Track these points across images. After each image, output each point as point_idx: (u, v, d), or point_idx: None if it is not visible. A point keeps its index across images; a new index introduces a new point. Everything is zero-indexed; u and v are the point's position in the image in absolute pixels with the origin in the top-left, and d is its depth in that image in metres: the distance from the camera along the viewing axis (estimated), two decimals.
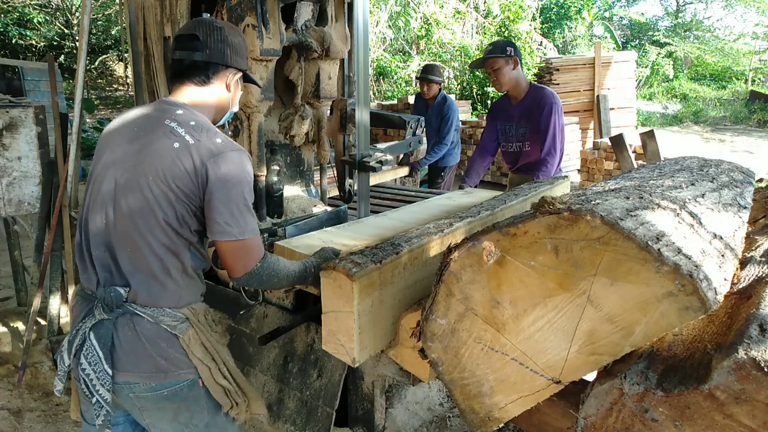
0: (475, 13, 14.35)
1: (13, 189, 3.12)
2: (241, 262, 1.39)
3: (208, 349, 1.46)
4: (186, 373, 1.42)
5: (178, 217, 1.37)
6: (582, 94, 9.72)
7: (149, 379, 1.39)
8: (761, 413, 0.84)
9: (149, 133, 1.40)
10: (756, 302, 1.00)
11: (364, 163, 2.17)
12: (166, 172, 1.35)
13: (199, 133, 1.39)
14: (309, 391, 2.30)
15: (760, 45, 20.21)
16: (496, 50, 3.02)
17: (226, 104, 1.58)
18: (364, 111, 2.14)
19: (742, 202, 1.43)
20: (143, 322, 1.38)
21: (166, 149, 1.36)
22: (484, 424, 1.22)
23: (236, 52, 1.54)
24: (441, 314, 1.18)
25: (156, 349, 1.38)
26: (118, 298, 1.36)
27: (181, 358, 1.41)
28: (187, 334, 1.41)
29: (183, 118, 1.42)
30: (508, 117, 3.22)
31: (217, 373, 1.47)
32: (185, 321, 1.42)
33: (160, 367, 1.39)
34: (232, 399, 1.52)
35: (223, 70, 1.53)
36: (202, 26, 1.51)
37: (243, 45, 1.58)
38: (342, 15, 2.50)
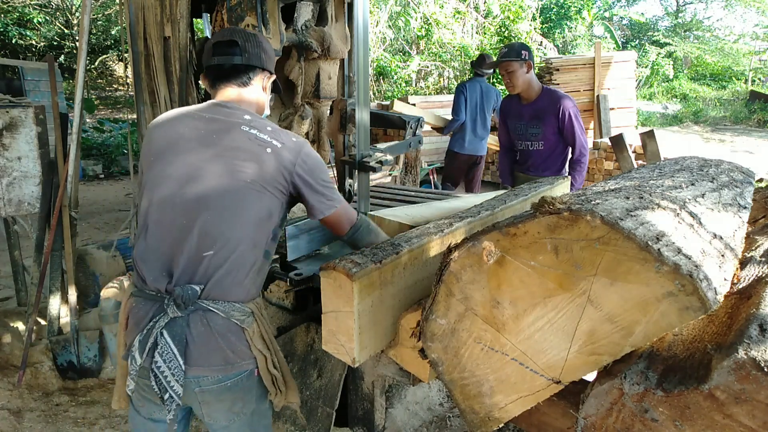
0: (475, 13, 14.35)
1: (13, 189, 3.12)
2: (347, 222, 1.66)
3: (266, 340, 1.56)
4: (247, 363, 1.51)
5: (269, 211, 1.51)
6: (582, 94, 9.72)
7: (217, 372, 1.46)
8: (761, 413, 0.84)
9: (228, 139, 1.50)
10: (756, 302, 1.00)
11: (364, 163, 2.17)
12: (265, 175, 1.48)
13: (279, 136, 1.53)
14: (309, 391, 2.30)
15: (760, 45, 20.22)
16: (511, 54, 3.09)
17: (262, 106, 1.70)
18: (364, 111, 2.14)
19: (742, 202, 1.43)
20: (216, 317, 1.45)
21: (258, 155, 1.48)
22: (484, 424, 1.22)
23: (269, 57, 1.68)
24: (441, 314, 1.18)
25: (226, 343, 1.46)
26: (193, 296, 1.42)
27: (245, 350, 1.50)
28: (252, 327, 1.51)
29: (258, 124, 1.54)
30: (518, 116, 3.30)
31: (270, 362, 1.57)
32: (251, 315, 1.51)
33: (228, 359, 1.46)
34: (277, 387, 1.62)
35: (260, 72, 1.65)
36: (239, 33, 1.63)
37: (272, 51, 1.73)
38: (342, 15, 2.50)
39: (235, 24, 2.21)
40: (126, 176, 9.06)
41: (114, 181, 8.91)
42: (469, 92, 5.46)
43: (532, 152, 3.30)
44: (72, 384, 3.06)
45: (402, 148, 2.77)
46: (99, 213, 6.93)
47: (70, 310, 3.11)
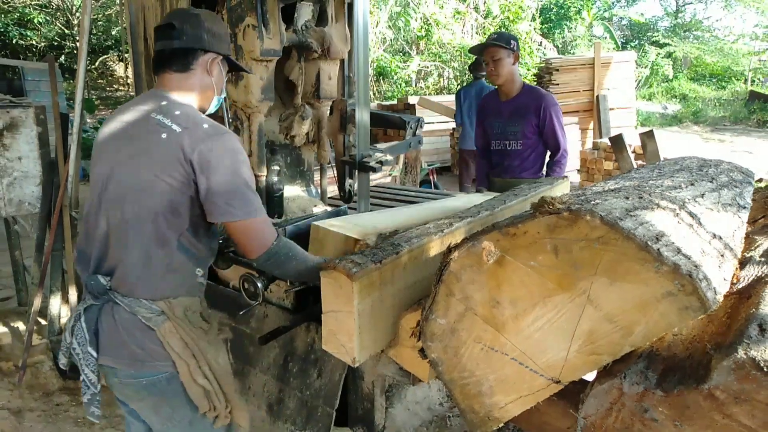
0: (475, 13, 14.35)
1: (13, 189, 3.13)
2: (256, 241, 1.41)
3: (188, 344, 1.45)
4: (163, 365, 1.44)
5: (172, 207, 1.39)
6: (581, 95, 9.72)
7: (128, 366, 1.43)
8: (761, 413, 0.84)
9: (139, 130, 1.44)
10: (755, 302, 1.00)
11: (364, 163, 2.17)
12: (157, 163, 1.37)
13: (185, 121, 1.41)
14: (309, 391, 2.30)
15: (759, 45, 20.21)
16: (501, 40, 2.97)
17: (210, 90, 1.58)
18: (364, 111, 2.14)
19: (742, 202, 1.43)
20: (121, 311, 1.41)
21: (155, 142, 1.39)
22: (484, 423, 1.22)
23: (214, 37, 1.53)
24: (441, 314, 1.18)
25: (131, 339, 1.41)
26: (99, 287, 1.42)
27: (158, 350, 1.42)
28: (164, 327, 1.42)
29: (168, 109, 1.44)
30: (497, 113, 3.15)
31: (196, 371, 1.46)
32: (161, 314, 1.43)
33: (136, 355, 1.42)
34: (210, 401, 1.50)
35: (202, 55, 1.52)
36: (177, 15, 1.54)
37: (222, 30, 1.58)
38: (342, 15, 2.50)
39: (236, 24, 2.21)
40: None
41: None
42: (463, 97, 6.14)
43: (510, 152, 3.12)
44: (72, 384, 3.06)
45: (402, 149, 2.77)
46: None
47: (71, 310, 3.11)
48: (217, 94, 1.61)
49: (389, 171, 5.32)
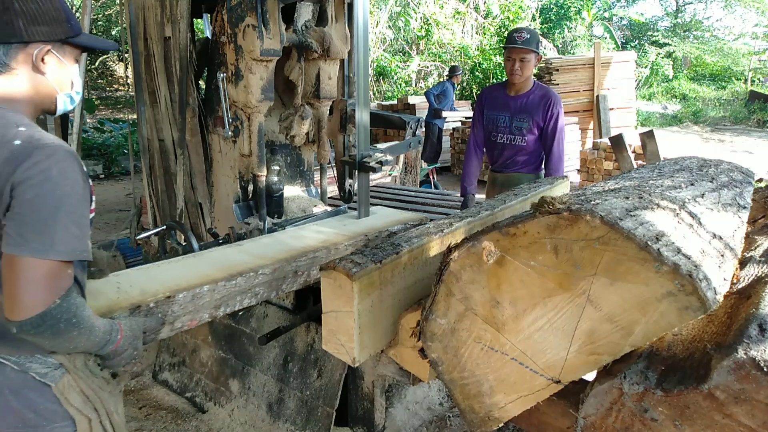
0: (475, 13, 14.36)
1: None
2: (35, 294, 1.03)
3: (89, 397, 1.25)
4: (61, 426, 1.23)
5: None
6: (581, 95, 9.72)
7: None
8: (761, 413, 0.84)
9: None
10: (755, 302, 1.00)
11: (364, 163, 2.17)
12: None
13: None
14: (309, 391, 2.30)
15: (759, 45, 20.21)
16: (532, 43, 2.94)
17: (47, 88, 1.24)
18: (364, 111, 2.14)
19: (742, 202, 1.43)
20: (7, 371, 1.17)
21: None
22: (484, 423, 1.22)
23: (33, 21, 1.16)
24: (441, 314, 1.18)
25: (22, 401, 1.18)
26: None
27: (55, 409, 1.21)
28: (62, 382, 1.20)
29: None
30: (503, 106, 3.12)
31: (97, 426, 1.28)
32: (59, 367, 1.21)
33: (27, 421, 1.19)
34: None
35: (22, 48, 1.17)
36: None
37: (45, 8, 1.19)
38: (342, 15, 2.50)
39: (236, 24, 2.21)
40: (126, 176, 9.06)
41: (114, 181, 8.91)
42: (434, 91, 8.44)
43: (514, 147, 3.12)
44: None
45: (402, 149, 2.78)
46: (99, 213, 6.93)
47: None
48: (62, 91, 1.27)
49: (389, 171, 5.32)
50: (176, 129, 2.67)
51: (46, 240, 1.04)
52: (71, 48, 1.27)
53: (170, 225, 2.22)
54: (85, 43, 1.29)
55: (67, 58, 1.26)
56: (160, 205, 2.97)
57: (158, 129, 2.78)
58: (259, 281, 1.66)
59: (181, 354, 2.83)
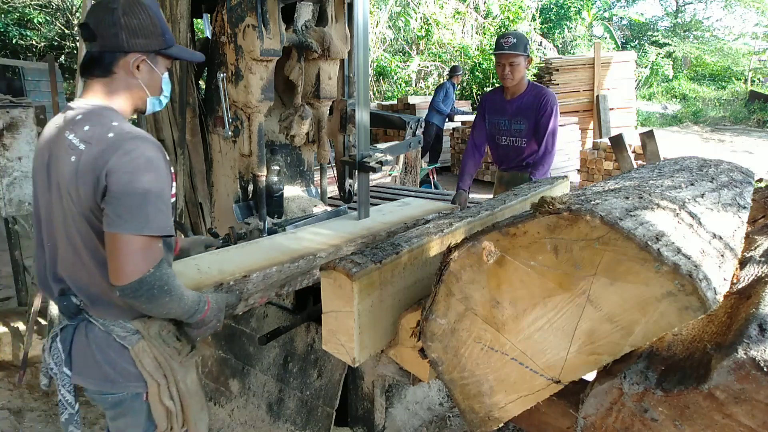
0: (474, 13, 14.36)
1: (13, 189, 3.13)
2: (131, 264, 1.22)
3: (160, 363, 1.42)
4: (134, 386, 1.41)
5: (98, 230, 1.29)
6: (581, 95, 9.73)
7: (97, 386, 1.41)
8: (761, 413, 0.84)
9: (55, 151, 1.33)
10: (755, 302, 1.00)
11: (364, 163, 2.17)
12: (75, 191, 1.28)
13: (90, 136, 1.28)
14: (309, 391, 2.30)
15: (759, 45, 20.21)
16: (520, 47, 2.99)
17: (140, 92, 1.43)
18: (364, 111, 2.14)
19: (742, 202, 1.43)
20: (95, 330, 1.38)
21: (68, 167, 1.28)
22: (484, 423, 1.22)
23: (134, 34, 1.35)
24: (441, 314, 1.18)
25: (105, 358, 1.38)
26: (72, 308, 1.38)
27: (131, 370, 1.39)
28: (138, 346, 1.38)
29: (79, 125, 1.31)
30: (501, 111, 3.20)
31: (164, 391, 1.44)
32: (136, 333, 1.39)
33: (107, 376, 1.38)
34: (170, 423, 1.48)
35: (122, 57, 1.36)
36: (94, 12, 1.36)
37: (145, 23, 1.37)
38: (342, 15, 2.50)
39: (236, 24, 2.21)
40: None
41: None
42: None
43: (516, 148, 3.20)
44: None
45: (402, 149, 2.78)
46: None
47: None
48: (151, 94, 1.46)
49: (389, 171, 5.32)
50: (176, 129, 2.67)
51: (141, 219, 1.22)
52: (163, 58, 1.46)
53: None
54: (175, 54, 1.48)
55: (159, 67, 1.45)
56: None
57: (158, 129, 2.78)
58: (317, 264, 1.85)
59: None
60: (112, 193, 1.23)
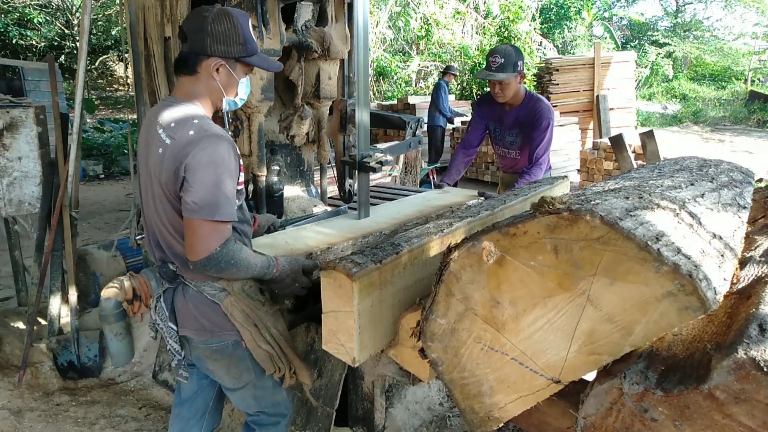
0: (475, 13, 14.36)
1: (13, 189, 3.13)
2: (202, 244, 1.46)
3: (249, 315, 1.64)
4: (230, 334, 1.63)
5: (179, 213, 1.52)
6: (581, 95, 9.73)
7: (200, 335, 1.64)
8: (761, 413, 0.84)
9: (149, 141, 1.55)
10: (755, 302, 1.00)
11: (364, 163, 2.17)
12: (161, 178, 1.50)
13: (175, 132, 1.48)
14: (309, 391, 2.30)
15: (759, 45, 20.21)
16: (508, 67, 2.82)
17: (217, 92, 1.61)
18: (364, 111, 2.14)
19: (742, 202, 1.43)
20: (190, 290, 1.63)
21: (156, 157, 1.50)
22: (484, 423, 1.22)
23: (217, 40, 1.54)
24: (441, 314, 1.18)
25: (200, 313, 1.62)
26: (170, 273, 1.63)
27: (223, 321, 1.62)
28: (227, 301, 1.61)
29: (166, 120, 1.51)
30: (499, 120, 3.12)
31: (259, 337, 1.65)
32: (223, 290, 1.61)
33: (205, 326, 1.63)
34: (275, 364, 1.70)
35: (205, 59, 1.56)
36: (189, 17, 1.58)
37: (229, 32, 1.55)
38: (342, 15, 2.50)
39: None
40: (126, 176, 9.06)
41: (114, 181, 8.91)
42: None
43: (510, 159, 3.17)
44: (72, 384, 3.06)
45: (402, 149, 2.77)
46: (99, 213, 6.93)
47: (71, 310, 3.11)
48: (227, 95, 1.64)
49: (389, 171, 5.32)
50: None
51: (212, 207, 1.44)
52: (242, 65, 1.63)
53: None
54: (255, 63, 1.64)
55: (237, 72, 1.62)
56: None
57: None
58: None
59: None
60: (189, 183, 1.44)
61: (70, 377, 3.08)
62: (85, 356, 3.11)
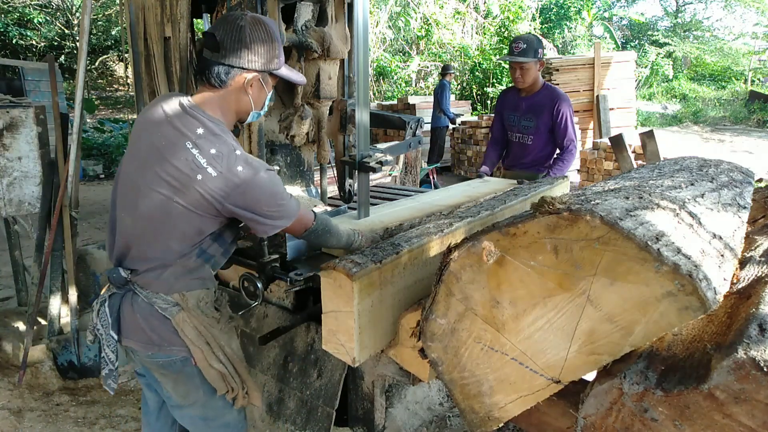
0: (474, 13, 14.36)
1: (13, 189, 3.12)
2: (301, 228, 1.58)
3: (201, 332, 1.56)
4: (179, 350, 1.55)
5: (197, 229, 1.47)
6: (582, 95, 9.73)
7: (145, 348, 1.55)
8: (761, 413, 0.84)
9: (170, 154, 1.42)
10: (755, 302, 1.00)
11: (364, 163, 2.17)
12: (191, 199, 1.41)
13: (220, 163, 1.40)
14: (309, 391, 2.30)
15: (759, 45, 20.21)
16: (529, 52, 3.07)
17: (247, 106, 1.56)
18: (364, 111, 2.14)
19: (742, 202, 1.43)
20: (140, 300, 1.53)
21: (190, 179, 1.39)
22: (484, 423, 1.22)
23: (255, 53, 1.47)
24: (441, 314, 1.18)
25: (148, 325, 1.53)
26: (120, 279, 1.53)
27: (173, 337, 1.54)
28: (179, 317, 1.52)
29: (204, 144, 1.41)
30: (515, 107, 3.31)
31: (211, 355, 1.57)
32: (176, 305, 1.53)
33: (152, 340, 1.54)
34: (228, 384, 1.63)
35: (240, 73, 1.48)
36: (223, 25, 1.47)
37: (267, 45, 1.49)
38: (342, 15, 2.50)
39: None
40: None
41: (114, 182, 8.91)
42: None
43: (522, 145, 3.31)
44: (72, 384, 3.06)
45: (402, 149, 2.77)
46: (99, 213, 6.93)
47: (71, 310, 3.11)
48: (255, 109, 1.58)
49: (389, 171, 5.33)
50: None
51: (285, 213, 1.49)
52: (272, 77, 1.57)
53: None
54: (285, 75, 1.59)
55: (267, 85, 1.57)
56: None
57: None
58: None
59: None
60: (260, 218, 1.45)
61: (70, 377, 3.08)
62: (85, 356, 3.11)
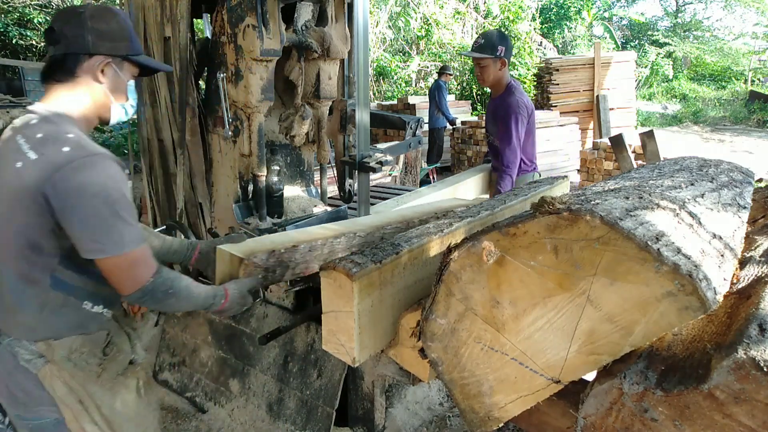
0: (475, 13, 14.37)
1: None
2: (128, 279, 1.25)
3: (73, 388, 1.35)
4: (48, 410, 1.35)
5: (31, 243, 1.25)
6: (581, 95, 9.73)
7: (11, 408, 1.35)
8: (761, 413, 0.84)
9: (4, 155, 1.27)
10: (755, 302, 1.00)
11: (364, 163, 2.17)
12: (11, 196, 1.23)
13: (44, 147, 1.22)
14: (309, 391, 2.30)
15: (759, 45, 20.22)
16: (486, 49, 2.90)
17: (103, 98, 1.38)
18: (364, 111, 2.15)
19: (742, 202, 1.43)
20: (2, 350, 1.31)
21: (9, 171, 1.23)
22: (484, 423, 1.22)
23: (101, 37, 1.33)
24: (441, 314, 1.18)
25: (12, 381, 1.32)
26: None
27: (41, 395, 1.33)
28: (44, 370, 1.32)
29: (32, 132, 1.25)
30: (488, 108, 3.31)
31: (83, 416, 1.36)
32: (41, 357, 1.32)
33: (18, 399, 1.33)
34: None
35: (87, 59, 1.33)
36: (59, 17, 1.35)
37: (114, 28, 1.35)
38: (342, 15, 2.50)
39: (235, 25, 2.21)
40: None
41: None
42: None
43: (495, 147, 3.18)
44: None
45: (402, 149, 2.78)
46: None
47: None
48: (115, 101, 1.41)
49: (389, 171, 5.33)
50: (176, 129, 2.67)
51: (116, 239, 1.22)
52: (129, 65, 1.42)
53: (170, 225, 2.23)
54: (143, 61, 1.44)
55: (124, 73, 1.41)
56: (159, 205, 2.97)
57: (158, 129, 2.78)
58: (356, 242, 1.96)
59: (181, 354, 2.83)
60: (79, 218, 1.20)
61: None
62: None
